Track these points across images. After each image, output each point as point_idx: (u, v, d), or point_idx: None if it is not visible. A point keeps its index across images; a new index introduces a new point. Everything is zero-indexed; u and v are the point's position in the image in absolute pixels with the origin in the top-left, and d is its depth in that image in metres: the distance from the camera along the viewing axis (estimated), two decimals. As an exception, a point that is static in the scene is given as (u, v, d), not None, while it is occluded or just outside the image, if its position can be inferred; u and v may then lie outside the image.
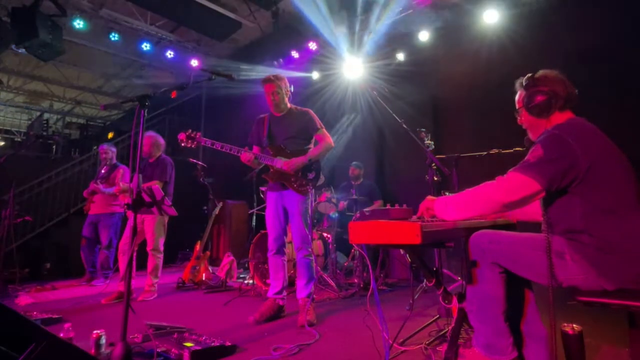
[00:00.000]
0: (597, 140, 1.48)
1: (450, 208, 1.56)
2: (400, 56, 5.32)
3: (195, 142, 2.86)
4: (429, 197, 1.66)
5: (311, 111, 3.05)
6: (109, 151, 5.07)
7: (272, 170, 2.95)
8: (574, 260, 1.41)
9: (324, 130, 3.01)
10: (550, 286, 1.41)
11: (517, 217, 1.92)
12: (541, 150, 1.42)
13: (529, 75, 1.63)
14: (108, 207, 4.90)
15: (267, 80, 2.93)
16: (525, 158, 1.47)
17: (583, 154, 1.40)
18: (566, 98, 1.55)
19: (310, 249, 2.92)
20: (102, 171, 4.96)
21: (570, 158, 1.40)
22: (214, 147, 2.84)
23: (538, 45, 4.10)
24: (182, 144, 2.87)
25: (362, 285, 3.83)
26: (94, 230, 4.93)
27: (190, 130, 2.88)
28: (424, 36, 4.92)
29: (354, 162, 4.95)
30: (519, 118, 1.70)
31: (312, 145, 3.04)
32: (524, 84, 1.64)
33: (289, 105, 3.05)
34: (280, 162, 2.88)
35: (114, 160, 5.07)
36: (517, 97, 1.70)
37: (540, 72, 1.61)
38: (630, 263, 1.35)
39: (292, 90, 3.08)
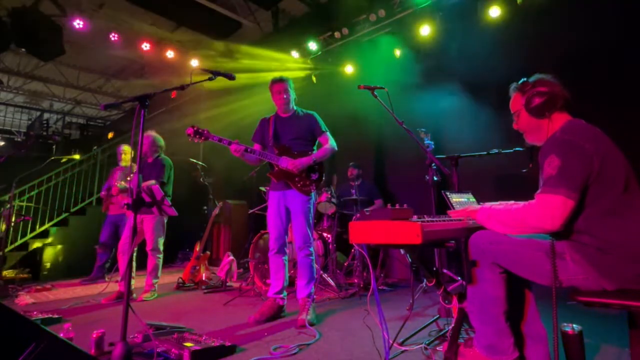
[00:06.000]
0: (602, 140, 1.48)
1: (492, 224, 1.56)
2: (399, 51, 5.32)
3: (203, 138, 2.85)
4: (470, 208, 1.67)
5: (316, 113, 3.12)
6: (128, 152, 5.06)
7: (276, 169, 2.96)
8: (574, 261, 1.42)
9: (328, 133, 3.08)
10: (554, 288, 1.41)
11: None
12: (558, 160, 1.39)
13: (524, 79, 1.65)
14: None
15: (278, 80, 3.01)
16: (545, 172, 1.43)
17: (595, 154, 1.39)
18: (564, 99, 1.56)
19: (311, 249, 2.93)
20: (118, 172, 4.98)
21: (588, 161, 1.38)
22: (222, 143, 2.84)
23: (540, 44, 4.10)
24: (190, 139, 2.86)
25: (362, 285, 3.83)
26: (114, 230, 4.98)
27: (197, 126, 2.87)
28: (425, 31, 4.91)
29: (351, 163, 4.96)
30: (515, 122, 1.70)
31: (315, 147, 3.09)
32: (519, 87, 1.65)
33: (294, 107, 3.11)
34: (285, 162, 2.90)
35: (129, 162, 5.08)
36: (511, 102, 1.70)
37: (536, 76, 1.63)
38: (631, 263, 1.35)
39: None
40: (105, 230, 5.04)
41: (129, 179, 4.45)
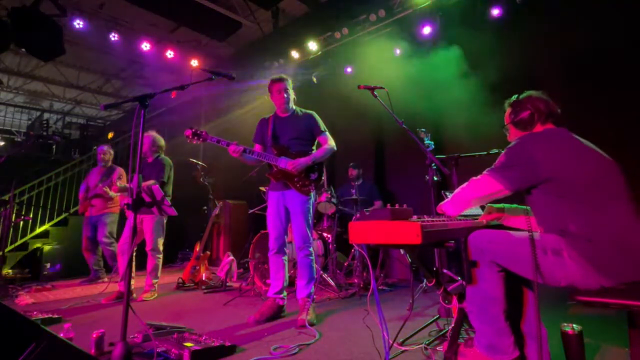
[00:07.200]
0: (566, 145, 1.59)
1: (448, 208, 1.77)
2: (398, 52, 5.32)
3: (201, 139, 2.87)
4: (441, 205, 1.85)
5: (315, 113, 3.12)
6: (108, 152, 5.11)
7: (275, 169, 2.96)
8: (571, 258, 1.44)
9: (327, 133, 3.07)
10: (535, 281, 1.47)
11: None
12: (503, 157, 1.64)
13: (516, 95, 1.81)
14: (106, 209, 5.03)
15: (278, 79, 3.01)
16: (495, 162, 1.69)
17: (544, 159, 1.53)
18: (547, 114, 1.70)
19: (311, 249, 2.93)
20: (99, 174, 5.00)
21: (529, 163, 1.55)
22: (220, 144, 2.85)
23: (540, 43, 4.10)
24: (188, 140, 2.88)
25: (362, 285, 3.83)
26: (95, 230, 4.99)
27: (196, 127, 2.90)
28: (425, 31, 4.92)
29: (351, 163, 4.97)
30: (507, 135, 1.86)
31: (314, 147, 3.08)
32: (510, 103, 1.82)
33: (293, 106, 3.10)
34: (284, 162, 2.90)
35: (110, 162, 5.13)
36: (505, 116, 1.86)
37: (526, 93, 1.78)
38: (621, 254, 1.38)
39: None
40: (86, 231, 5.01)
41: (119, 183, 4.44)
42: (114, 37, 5.94)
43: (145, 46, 6.13)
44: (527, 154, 1.57)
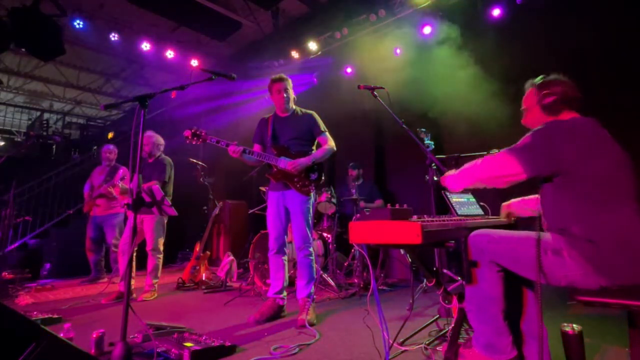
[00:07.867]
0: (592, 137, 1.53)
1: (453, 181, 1.74)
2: (398, 52, 5.32)
3: (200, 140, 2.87)
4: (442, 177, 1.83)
5: (315, 113, 3.11)
6: (113, 152, 5.11)
7: (275, 169, 2.96)
8: (571, 257, 1.43)
9: (327, 133, 3.07)
10: (539, 282, 1.45)
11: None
12: (529, 138, 1.55)
13: (542, 76, 1.72)
14: (111, 209, 5.01)
15: (278, 79, 3.01)
16: (517, 143, 1.59)
17: (569, 149, 1.48)
18: (574, 99, 1.64)
19: (311, 249, 2.93)
20: (103, 174, 4.99)
21: (552, 151, 1.50)
22: (220, 145, 2.85)
23: (541, 43, 4.09)
24: (187, 141, 2.88)
25: (362, 285, 3.83)
26: (99, 231, 4.98)
27: (195, 128, 2.89)
28: (425, 31, 4.93)
29: (350, 164, 4.97)
30: (524, 118, 1.77)
31: (314, 147, 3.08)
32: (536, 84, 1.72)
33: (293, 106, 3.09)
34: (284, 162, 2.90)
35: (114, 162, 5.13)
36: (525, 97, 1.77)
37: (553, 75, 1.71)
38: (621, 255, 1.37)
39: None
40: (89, 231, 4.99)
41: (121, 184, 4.43)
42: (114, 37, 5.94)
43: (145, 46, 6.13)
44: (553, 140, 1.50)
